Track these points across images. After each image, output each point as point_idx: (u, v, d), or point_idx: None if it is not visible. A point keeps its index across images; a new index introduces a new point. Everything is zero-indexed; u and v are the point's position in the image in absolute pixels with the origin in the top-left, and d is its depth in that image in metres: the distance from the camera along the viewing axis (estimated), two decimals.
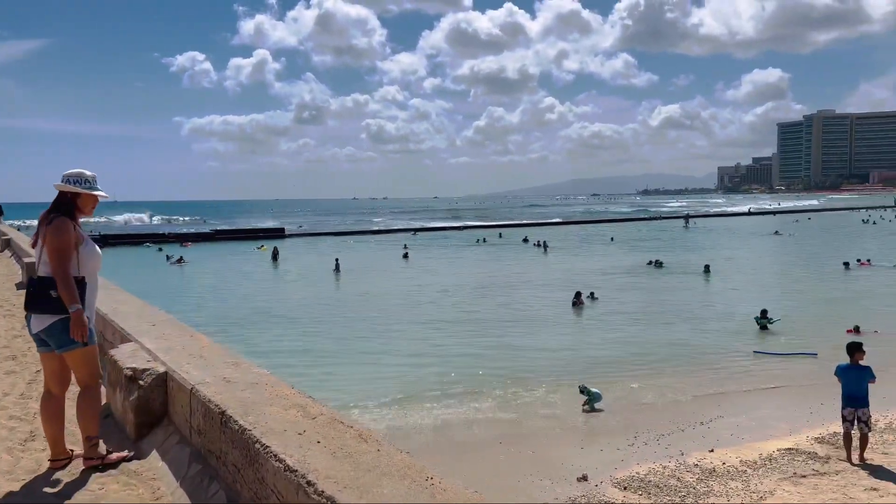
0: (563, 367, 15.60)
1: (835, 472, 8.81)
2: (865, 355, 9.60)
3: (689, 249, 47.66)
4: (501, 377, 14.78)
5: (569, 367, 15.53)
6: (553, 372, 15.26)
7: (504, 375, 14.92)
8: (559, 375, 14.93)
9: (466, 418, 12.24)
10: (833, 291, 26.87)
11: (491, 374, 15.10)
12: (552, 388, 14.00)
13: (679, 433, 11.10)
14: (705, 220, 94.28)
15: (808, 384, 13.87)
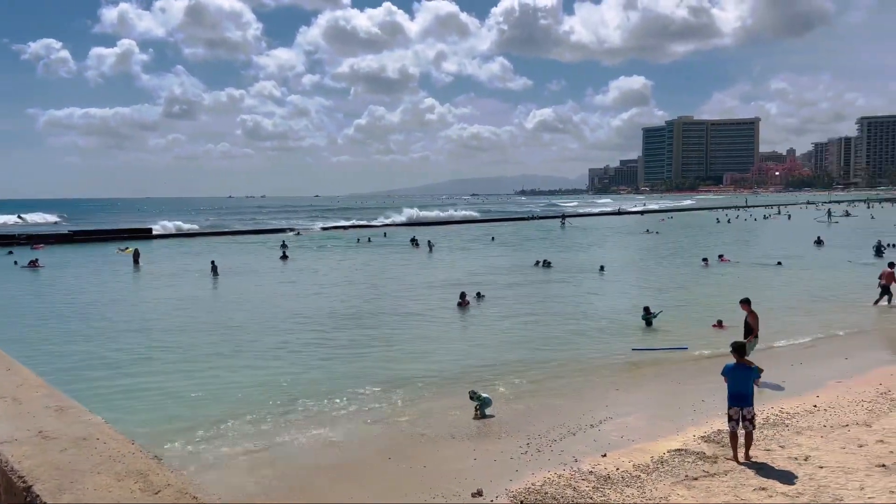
0: (450, 372, 15.16)
1: (724, 472, 8.85)
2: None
3: (569, 248, 49.13)
4: (385, 385, 14.10)
5: (456, 372, 15.12)
6: (440, 377, 14.78)
7: (388, 383, 14.25)
8: (447, 381, 14.47)
9: (349, 434, 11.45)
10: (698, 286, 28.36)
11: (374, 383, 14.36)
12: (440, 395, 13.50)
13: (571, 437, 10.91)
14: (580, 219, 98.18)
15: (686, 380, 14.22)
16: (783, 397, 12.58)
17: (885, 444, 9.22)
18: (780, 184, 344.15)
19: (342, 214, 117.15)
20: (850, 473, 8.29)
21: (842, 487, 7.88)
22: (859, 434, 9.84)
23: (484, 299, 24.66)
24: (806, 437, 9.92)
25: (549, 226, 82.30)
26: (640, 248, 50.34)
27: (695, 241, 53.12)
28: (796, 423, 10.75)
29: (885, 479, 7.95)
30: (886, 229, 59.44)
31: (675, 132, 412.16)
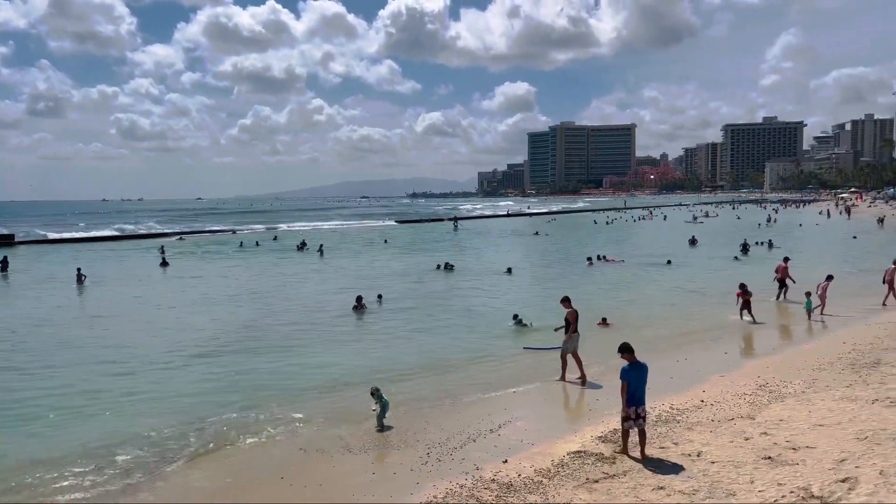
0: (344, 381, 14.59)
1: (623, 472, 8.91)
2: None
3: (465, 250, 49.44)
4: (276, 400, 13.36)
5: (351, 380, 14.58)
6: (335, 387, 14.19)
7: (279, 397, 13.52)
8: (341, 390, 13.92)
9: (237, 452, 10.71)
10: (584, 285, 29.23)
11: (263, 397, 13.58)
12: (335, 406, 12.94)
13: (471, 443, 10.71)
14: (472, 221, 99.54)
15: (578, 379, 14.40)
16: (672, 393, 13.02)
17: (768, 437, 9.62)
18: (654, 186, 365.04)
19: (227, 218, 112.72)
20: (739, 467, 8.55)
21: (733, 482, 8.11)
22: (745, 427, 10.24)
23: (383, 302, 24.25)
24: (697, 433, 10.22)
25: (441, 228, 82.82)
26: (533, 249, 51.52)
27: (580, 242, 55.04)
28: (687, 419, 11.07)
29: (772, 472, 8.24)
30: (750, 228, 64.25)
31: (559, 137, 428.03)
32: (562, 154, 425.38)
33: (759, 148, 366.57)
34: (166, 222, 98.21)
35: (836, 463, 8.17)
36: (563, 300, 14.96)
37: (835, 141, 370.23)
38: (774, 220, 77.94)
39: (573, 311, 14.49)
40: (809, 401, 11.46)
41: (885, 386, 11.70)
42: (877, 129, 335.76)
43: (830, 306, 21.05)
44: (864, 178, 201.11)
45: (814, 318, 20.22)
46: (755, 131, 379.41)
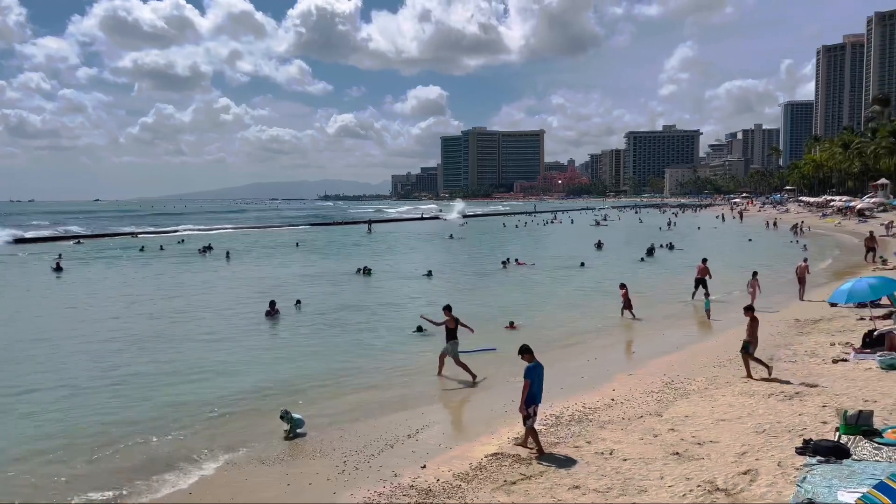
0: (256, 390, 14.12)
1: (539, 473, 9.03)
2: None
3: (380, 254, 49.11)
4: (184, 412, 12.80)
5: (264, 389, 14.13)
6: (246, 397, 13.70)
7: (185, 407, 12.96)
8: (253, 400, 13.46)
9: (142, 472, 10.15)
10: (498, 288, 29.70)
11: (168, 411, 12.98)
12: (247, 416, 12.51)
13: (389, 450, 10.59)
14: (386, 224, 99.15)
15: (494, 381, 14.56)
16: (584, 392, 13.36)
17: (676, 433, 10.02)
18: (562, 191, 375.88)
19: (128, 220, 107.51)
20: (650, 464, 8.85)
21: (645, 478, 8.37)
22: (653, 424, 10.62)
23: (301, 307, 23.74)
24: (609, 431, 10.51)
25: (355, 231, 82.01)
26: (449, 252, 51.84)
27: (494, 246, 55.84)
28: (598, 418, 11.37)
29: (680, 467, 8.58)
30: (653, 231, 67.19)
31: (471, 142, 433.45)
32: (474, 159, 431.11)
33: (659, 154, 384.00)
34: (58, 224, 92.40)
35: (737, 456, 8.59)
36: (444, 308, 15.42)
37: (728, 149, 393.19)
38: (674, 223, 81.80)
39: (451, 320, 15.01)
40: (712, 397, 12.03)
41: (780, 381, 12.43)
42: (765, 138, 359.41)
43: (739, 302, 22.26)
44: (754, 183, 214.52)
45: (714, 317, 21.30)
46: (656, 139, 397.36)
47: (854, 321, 17.56)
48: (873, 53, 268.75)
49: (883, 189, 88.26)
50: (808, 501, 6.84)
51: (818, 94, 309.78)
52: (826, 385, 11.69)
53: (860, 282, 17.94)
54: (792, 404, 10.73)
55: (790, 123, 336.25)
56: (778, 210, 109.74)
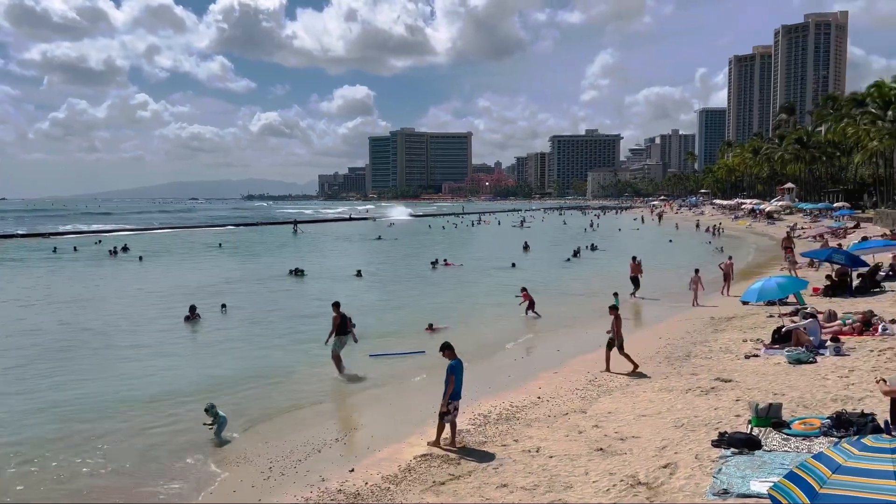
0: (176, 395, 13.62)
1: (468, 473, 9.08)
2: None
3: (307, 255, 48.27)
4: (97, 417, 12.23)
5: (183, 394, 13.64)
6: (165, 402, 13.20)
7: (100, 415, 12.39)
8: (174, 405, 12.99)
9: (58, 483, 9.63)
10: (425, 289, 29.77)
11: (84, 415, 12.37)
12: (165, 421, 12.06)
13: (316, 455, 10.43)
14: (313, 225, 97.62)
15: (424, 383, 14.55)
16: (511, 391, 13.54)
17: (599, 429, 10.27)
18: (490, 193, 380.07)
19: (38, 220, 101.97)
20: (575, 460, 9.04)
21: (570, 474, 8.54)
22: (578, 421, 10.86)
23: (227, 311, 23.07)
24: (535, 429, 10.67)
25: (281, 232, 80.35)
26: (377, 253, 51.52)
27: (422, 247, 55.86)
28: (525, 416, 11.54)
29: (604, 462, 8.79)
30: (576, 233, 68.84)
31: (399, 143, 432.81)
32: (402, 159, 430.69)
33: (582, 158, 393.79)
34: None
35: (658, 450, 8.88)
36: (333, 304, 15.75)
37: (647, 153, 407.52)
38: (597, 225, 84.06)
39: (337, 316, 15.37)
40: (633, 393, 12.41)
41: (696, 376, 12.94)
42: (682, 143, 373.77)
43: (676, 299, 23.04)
44: (671, 187, 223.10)
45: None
46: (579, 142, 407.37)
47: (764, 318, 18.45)
48: (780, 64, 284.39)
49: (789, 193, 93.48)
50: (724, 492, 7.14)
51: (730, 102, 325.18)
52: (739, 380, 12.24)
53: (769, 281, 18.96)
54: (708, 399, 11.18)
55: (705, 129, 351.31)
56: (693, 212, 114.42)
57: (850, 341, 14.30)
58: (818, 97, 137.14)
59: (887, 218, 50.96)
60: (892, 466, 4.45)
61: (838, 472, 4.64)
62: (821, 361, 12.97)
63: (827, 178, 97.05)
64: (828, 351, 13.58)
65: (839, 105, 76.56)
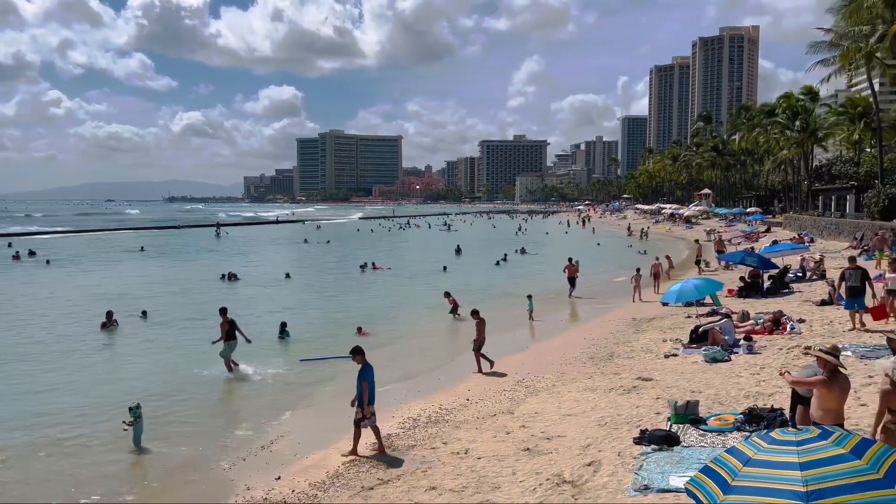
0: (91, 404, 13.05)
1: (396, 477, 9.06)
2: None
3: (233, 258, 46.99)
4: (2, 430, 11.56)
5: (100, 402, 13.07)
6: (78, 412, 12.61)
7: (5, 428, 11.71)
8: (88, 414, 12.43)
9: None
10: (354, 292, 29.52)
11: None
12: (81, 432, 11.51)
13: (242, 463, 10.18)
14: (237, 228, 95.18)
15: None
16: (440, 393, 13.60)
17: (526, 429, 10.44)
18: (420, 196, 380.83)
19: None
20: (503, 460, 9.15)
21: (498, 475, 8.64)
22: (506, 422, 11.00)
23: (148, 318, 22.20)
24: (464, 431, 10.75)
25: (203, 234, 77.95)
26: (306, 256, 50.72)
27: (350, 250, 55.39)
28: (454, 418, 11.61)
29: (530, 462, 8.94)
30: (506, 236, 69.73)
31: (328, 145, 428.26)
32: (332, 161, 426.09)
33: (511, 163, 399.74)
34: None
35: (582, 449, 9.10)
36: (220, 311, 15.83)
37: (572, 159, 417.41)
38: (525, 229, 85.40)
39: (225, 322, 15.47)
40: (559, 393, 12.67)
41: (619, 376, 13.32)
42: (605, 149, 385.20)
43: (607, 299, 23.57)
44: (595, 192, 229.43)
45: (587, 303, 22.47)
46: (507, 148, 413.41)
47: (683, 319, 19.19)
48: (697, 74, 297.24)
49: (706, 198, 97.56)
50: (644, 487, 7.37)
51: (651, 110, 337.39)
52: (659, 378, 12.68)
53: (687, 283, 19.76)
54: (630, 397, 11.53)
55: (627, 136, 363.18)
56: (616, 217, 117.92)
57: (762, 340, 15.05)
58: (733, 107, 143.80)
59: (795, 222, 53.91)
60: (796, 458, 4.70)
61: (748, 465, 4.87)
62: (735, 359, 13.58)
63: (741, 184, 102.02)
64: (741, 349, 14.24)
65: (752, 115, 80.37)
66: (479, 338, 15.47)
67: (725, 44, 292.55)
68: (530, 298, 22.29)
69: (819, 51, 43.84)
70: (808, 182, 64.75)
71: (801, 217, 54.66)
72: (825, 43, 43.36)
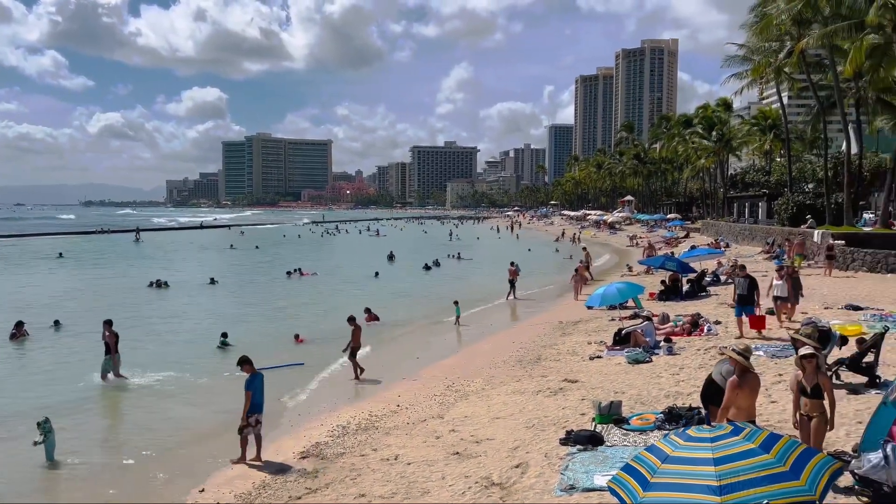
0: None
1: (325, 485, 8.94)
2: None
3: (155, 264, 45.32)
4: None
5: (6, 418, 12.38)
6: None
7: None
8: None
9: None
10: (286, 299, 29.05)
11: None
12: None
13: (163, 474, 9.83)
14: (159, 233, 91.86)
15: (287, 396, 14.17)
16: (370, 399, 13.54)
17: (456, 433, 10.50)
18: (351, 201, 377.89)
19: None
20: (432, 465, 9.17)
21: (427, 480, 8.66)
22: (436, 427, 11.04)
23: (60, 328, 21.12)
24: (394, 437, 10.72)
25: (120, 240, 74.81)
26: (232, 262, 49.46)
27: (279, 256, 54.37)
28: (384, 425, 11.57)
29: (460, 466, 9.00)
30: (438, 242, 70.03)
31: (255, 148, 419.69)
32: (259, 165, 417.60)
33: (441, 169, 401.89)
34: None
35: (511, 451, 9.23)
36: (105, 322, 15.35)
37: (502, 165, 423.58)
38: (457, 235, 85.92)
39: (112, 334, 15.04)
40: (488, 396, 12.81)
41: (546, 378, 13.58)
42: (533, 156, 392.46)
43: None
44: (524, 198, 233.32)
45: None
46: (438, 153, 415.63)
47: (607, 322, 19.73)
48: (621, 85, 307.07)
49: (629, 205, 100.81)
50: (570, 487, 7.55)
51: (577, 119, 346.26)
52: (584, 380, 13.00)
53: (611, 287, 20.38)
54: (556, 399, 11.78)
55: (554, 144, 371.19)
56: (544, 223, 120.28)
57: (681, 341, 15.65)
58: (654, 117, 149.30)
59: (712, 228, 56.37)
60: (710, 454, 4.93)
61: (667, 462, 5.07)
62: (656, 360, 14.07)
63: (661, 191, 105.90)
64: (662, 351, 14.77)
65: (671, 125, 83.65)
66: (354, 344, 15.53)
67: (647, 56, 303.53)
68: (457, 304, 22.47)
69: (733, 64, 46.03)
70: (724, 190, 67.82)
71: (718, 223, 57.22)
72: (738, 57, 45.56)
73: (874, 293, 20.94)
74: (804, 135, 61.14)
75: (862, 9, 31.21)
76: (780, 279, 16.64)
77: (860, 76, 35.73)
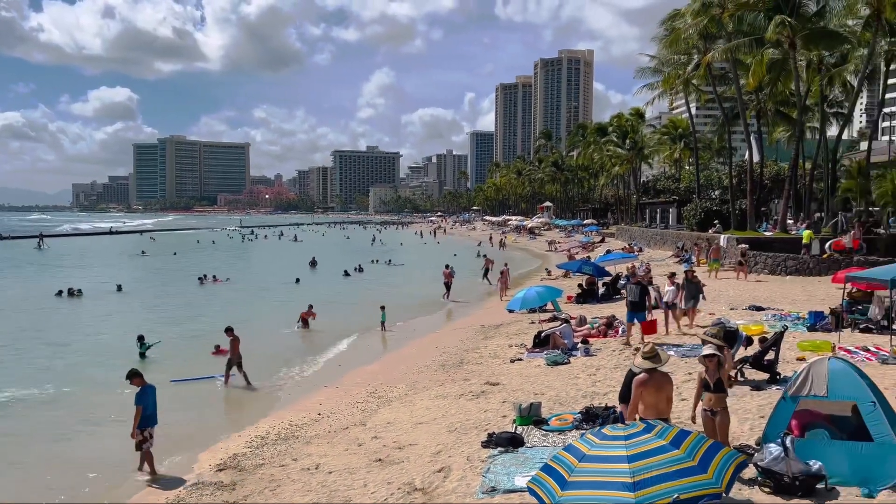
0: None
1: (244, 498, 8.71)
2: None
3: (60, 271, 42.85)
4: None
5: None
6: None
7: None
8: None
9: None
10: (193, 308, 28.04)
11: None
12: None
13: (76, 488, 9.31)
14: (65, 239, 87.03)
15: (204, 407, 13.71)
16: (290, 409, 13.27)
17: (379, 440, 10.44)
18: (270, 206, 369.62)
19: None
20: (354, 473, 9.08)
21: (349, 488, 8.56)
22: (358, 434, 10.94)
23: None
24: (315, 446, 10.55)
25: (19, 247, 70.41)
26: (142, 269, 47.44)
27: (192, 262, 52.54)
28: (305, 434, 11.36)
29: (382, 473, 8.94)
30: (361, 247, 69.40)
31: (168, 151, 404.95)
32: (172, 169, 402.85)
33: (364, 173, 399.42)
34: None
35: (433, 456, 9.25)
36: None
37: (425, 171, 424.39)
38: (381, 240, 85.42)
39: None
40: (411, 402, 12.80)
41: (468, 382, 13.70)
42: (456, 162, 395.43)
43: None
44: (447, 203, 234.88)
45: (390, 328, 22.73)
46: (360, 158, 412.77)
47: (527, 325, 20.10)
48: (539, 93, 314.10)
49: (547, 210, 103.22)
50: (492, 489, 7.62)
51: (497, 126, 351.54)
52: (506, 382, 13.19)
53: (530, 290, 20.78)
54: (478, 402, 11.89)
55: (476, 150, 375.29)
56: (466, 228, 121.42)
57: (597, 342, 16.13)
58: (571, 125, 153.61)
59: (626, 233, 58.41)
60: (625, 451, 5.10)
61: (583, 461, 5.21)
62: (574, 362, 14.43)
63: (578, 197, 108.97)
64: (579, 352, 15.17)
65: (587, 133, 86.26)
66: (233, 356, 15.12)
67: (564, 65, 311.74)
68: (383, 309, 22.37)
69: (644, 76, 48.02)
70: (637, 196, 70.42)
71: (632, 228, 59.34)
72: (650, 69, 47.54)
73: (775, 294, 22.22)
74: (711, 144, 64.33)
75: (762, 25, 33.17)
76: (672, 285, 16.81)
77: (761, 89, 37.97)
